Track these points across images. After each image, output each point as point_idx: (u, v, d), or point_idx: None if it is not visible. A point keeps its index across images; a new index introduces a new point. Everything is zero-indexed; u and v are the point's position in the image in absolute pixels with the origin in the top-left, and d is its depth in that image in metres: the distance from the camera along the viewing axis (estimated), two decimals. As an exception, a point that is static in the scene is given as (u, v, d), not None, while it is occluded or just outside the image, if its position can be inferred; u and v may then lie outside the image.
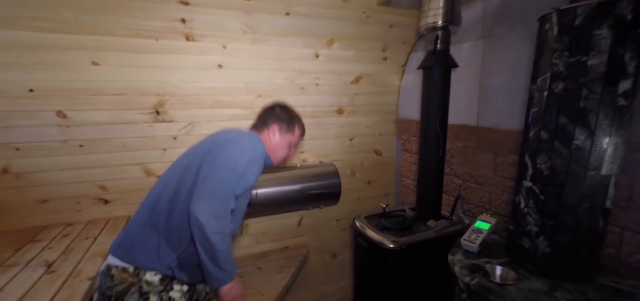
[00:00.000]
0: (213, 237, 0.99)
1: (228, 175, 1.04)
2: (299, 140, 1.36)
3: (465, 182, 1.82)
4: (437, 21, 1.47)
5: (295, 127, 1.32)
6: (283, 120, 1.29)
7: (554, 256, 1.06)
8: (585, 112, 0.93)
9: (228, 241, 1.05)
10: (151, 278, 1.06)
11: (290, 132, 1.31)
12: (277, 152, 1.30)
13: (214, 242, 1.00)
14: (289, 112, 1.33)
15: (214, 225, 0.99)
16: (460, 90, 1.78)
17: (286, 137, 1.30)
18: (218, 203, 1.01)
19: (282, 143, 1.29)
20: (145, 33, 1.52)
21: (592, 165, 0.96)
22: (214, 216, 0.99)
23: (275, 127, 1.28)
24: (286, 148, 1.31)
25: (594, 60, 0.90)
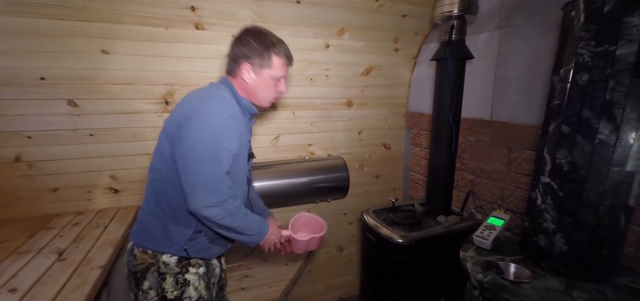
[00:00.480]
0: (224, 222, 0.97)
1: (206, 163, 0.93)
2: (284, 70, 1.09)
3: (477, 178, 1.78)
4: (453, 10, 1.42)
5: (272, 57, 1.05)
6: (255, 53, 1.03)
7: (571, 255, 1.02)
8: (611, 105, 0.89)
9: (241, 213, 1.01)
10: (167, 260, 1.07)
11: (266, 66, 1.05)
12: (258, 95, 1.09)
13: (227, 224, 0.98)
14: (262, 38, 1.05)
15: (217, 212, 0.95)
16: (474, 82, 1.73)
17: (264, 74, 1.06)
18: (211, 193, 0.93)
19: (261, 82, 1.07)
20: (154, 21, 1.50)
21: (616, 161, 0.91)
22: (213, 206, 0.94)
23: (247, 66, 1.05)
24: (269, 87, 1.08)
25: (623, 49, 0.85)
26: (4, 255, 1.23)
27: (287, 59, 1.10)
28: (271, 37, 1.07)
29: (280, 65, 1.07)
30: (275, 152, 2.00)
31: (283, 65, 1.08)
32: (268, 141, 1.97)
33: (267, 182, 1.82)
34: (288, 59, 1.10)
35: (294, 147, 2.06)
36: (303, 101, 1.98)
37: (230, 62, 1.09)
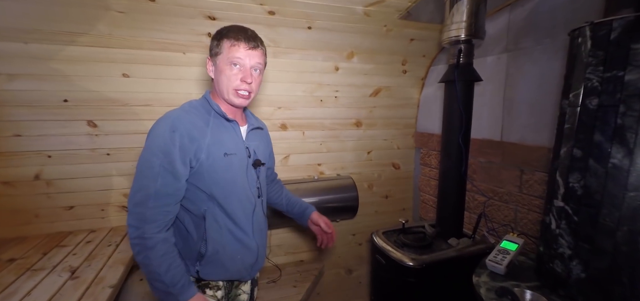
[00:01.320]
0: (135, 249, 0.91)
1: (135, 181, 0.92)
2: (237, 51, 0.98)
3: (488, 199, 1.75)
4: (460, 35, 1.45)
5: (222, 41, 0.99)
6: (212, 46, 1.02)
7: (590, 282, 0.99)
8: (623, 129, 0.88)
9: (159, 251, 0.90)
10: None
11: (219, 53, 1.00)
12: (221, 88, 1.01)
13: (136, 253, 0.92)
14: (219, 31, 1.03)
15: (131, 233, 0.91)
16: (483, 104, 1.74)
17: (219, 61, 1.00)
18: (132, 210, 0.91)
19: (219, 72, 1.01)
20: (173, 46, 1.58)
21: (632, 186, 0.90)
22: (130, 225, 0.91)
23: (208, 61, 1.04)
24: (226, 75, 1.00)
25: (632, 75, 0.86)
26: (19, 272, 1.26)
27: (238, 39, 0.99)
28: (230, 26, 1.03)
29: (228, 46, 0.99)
30: (285, 171, 2.02)
31: (232, 46, 0.99)
32: (278, 160, 2.00)
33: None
34: (239, 39, 0.99)
35: (304, 167, 2.08)
36: (313, 121, 2.01)
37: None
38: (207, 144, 0.98)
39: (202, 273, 1.03)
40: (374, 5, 1.56)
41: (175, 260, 0.94)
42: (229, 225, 1.04)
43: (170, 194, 0.93)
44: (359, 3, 1.53)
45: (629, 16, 0.85)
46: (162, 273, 0.90)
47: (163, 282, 0.91)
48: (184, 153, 0.94)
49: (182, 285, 0.94)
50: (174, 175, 0.93)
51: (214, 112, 1.04)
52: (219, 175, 1.00)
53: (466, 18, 1.42)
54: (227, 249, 1.04)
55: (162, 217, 0.93)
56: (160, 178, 0.91)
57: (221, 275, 1.06)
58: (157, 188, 0.91)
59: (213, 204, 1.01)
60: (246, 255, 1.09)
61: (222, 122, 1.05)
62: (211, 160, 0.98)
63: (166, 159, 0.92)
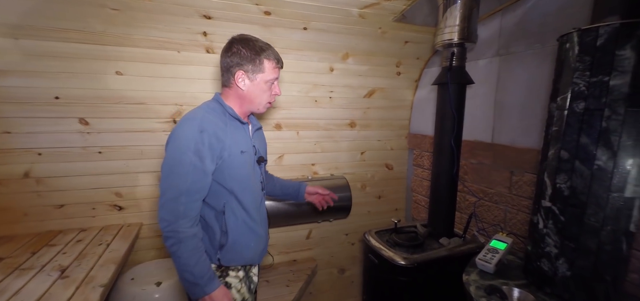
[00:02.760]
0: (168, 242, 0.98)
1: (166, 180, 0.98)
2: (276, 73, 1.13)
3: (479, 200, 1.79)
4: (453, 38, 1.48)
5: (264, 62, 1.09)
6: (247, 60, 1.07)
7: (574, 280, 1.02)
8: (608, 132, 0.92)
9: (190, 245, 0.99)
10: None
11: (259, 71, 1.09)
12: (255, 100, 1.12)
13: (171, 246, 0.98)
14: (251, 45, 1.08)
15: (164, 227, 0.97)
16: (475, 106, 1.77)
17: (258, 79, 1.09)
18: (164, 207, 0.97)
19: (255, 87, 1.10)
20: (168, 45, 1.57)
21: (615, 187, 0.93)
22: (162, 219, 0.97)
23: (240, 73, 1.08)
24: (264, 92, 1.12)
25: (616, 80, 0.89)
26: (7, 271, 1.24)
27: (278, 62, 1.13)
28: (259, 42, 1.10)
29: (271, 69, 1.11)
30: (279, 171, 2.03)
31: (274, 68, 1.12)
32: (272, 160, 2.00)
33: (270, 201, 1.83)
34: (278, 62, 1.13)
35: (298, 167, 2.09)
36: (307, 122, 2.02)
37: (224, 73, 1.12)
38: (228, 143, 1.06)
39: (223, 260, 1.13)
40: (369, 8, 1.58)
41: (202, 255, 1.03)
42: (245, 217, 1.14)
43: (200, 190, 1.01)
44: (354, 5, 1.55)
45: (614, 23, 0.89)
46: (192, 265, 0.99)
47: (192, 273, 0.99)
48: (212, 151, 1.02)
49: (209, 278, 1.03)
50: (204, 172, 1.01)
51: (229, 114, 1.11)
52: (237, 171, 1.09)
53: (459, 22, 1.45)
54: (244, 238, 1.14)
55: (192, 212, 1.01)
56: (191, 175, 0.98)
57: (238, 261, 1.16)
58: (188, 185, 0.98)
59: (232, 198, 1.10)
60: (258, 243, 1.20)
61: (236, 123, 1.13)
62: (231, 158, 1.07)
63: (197, 157, 0.98)
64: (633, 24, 0.86)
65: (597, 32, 0.91)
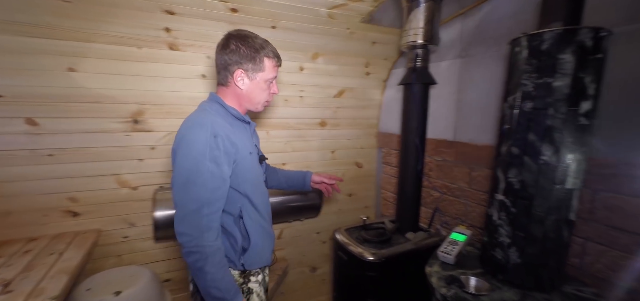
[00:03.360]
0: (191, 258, 0.94)
1: (183, 191, 0.93)
2: (276, 71, 1.10)
3: (442, 195, 1.88)
4: (417, 40, 1.54)
5: (264, 60, 1.06)
6: (246, 58, 1.03)
7: (524, 267, 1.11)
8: (552, 130, 1.00)
9: (216, 258, 0.95)
10: (232, 272, 1.10)
11: (259, 70, 1.06)
12: (254, 100, 1.09)
13: (194, 262, 0.94)
14: (250, 42, 1.04)
15: (186, 242, 0.93)
16: (439, 106, 1.86)
17: (258, 77, 1.07)
18: (183, 221, 0.93)
19: (255, 86, 1.07)
20: (127, 41, 1.49)
21: (558, 180, 1.02)
22: (184, 234, 0.93)
23: (240, 72, 1.04)
24: (263, 91, 1.09)
25: (559, 82, 0.97)
26: (-60, 289, 1.11)
27: (278, 60, 1.10)
28: (258, 39, 1.07)
29: (271, 67, 1.08)
30: (249, 171, 1.99)
31: (274, 66, 1.09)
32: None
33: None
34: (278, 60, 1.11)
35: (268, 167, 2.06)
36: (277, 121, 2.01)
37: (222, 71, 1.06)
38: (240, 146, 1.03)
39: (246, 265, 1.11)
40: (338, 8, 1.60)
41: (227, 268, 1.00)
42: (258, 218, 1.13)
43: (220, 198, 0.98)
44: (323, 5, 1.56)
45: (557, 29, 0.97)
46: (219, 279, 0.96)
47: (219, 289, 0.96)
48: (228, 156, 0.98)
49: (235, 291, 1.01)
50: (223, 179, 0.97)
51: (232, 115, 1.09)
52: (249, 173, 1.07)
53: (423, 25, 1.51)
54: (261, 240, 1.14)
55: (215, 223, 0.97)
56: (210, 183, 0.94)
57: (260, 263, 1.15)
58: (209, 195, 0.94)
59: (246, 201, 1.08)
60: (272, 242, 1.22)
61: (240, 124, 1.11)
62: (244, 161, 1.05)
63: (214, 164, 0.94)
64: (573, 30, 0.94)
65: (542, 37, 0.99)
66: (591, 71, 0.95)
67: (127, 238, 1.74)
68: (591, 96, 0.97)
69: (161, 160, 1.73)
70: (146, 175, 1.71)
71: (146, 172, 1.71)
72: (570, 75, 0.96)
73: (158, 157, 1.71)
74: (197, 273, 0.96)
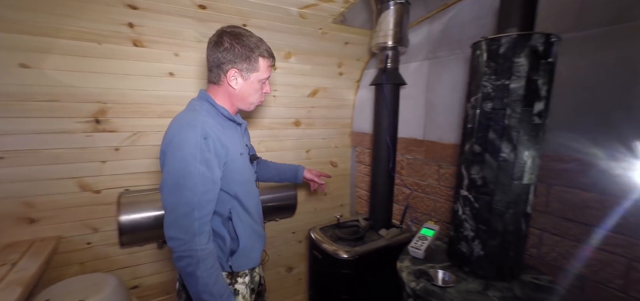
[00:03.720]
0: (182, 263, 0.92)
1: (172, 194, 0.92)
2: (270, 71, 1.09)
3: (413, 192, 1.94)
4: (387, 42, 1.57)
5: (259, 60, 1.04)
6: (241, 58, 1.01)
7: (486, 258, 1.17)
8: (509, 129, 1.06)
9: (208, 262, 0.94)
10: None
11: (254, 70, 1.04)
12: (247, 100, 1.08)
13: (185, 266, 0.92)
14: (245, 41, 1.02)
15: (177, 246, 0.92)
16: (409, 106, 1.91)
17: (252, 78, 1.05)
18: (173, 225, 0.92)
19: (249, 87, 1.06)
20: (85, 36, 1.41)
21: (516, 175, 1.09)
22: (174, 238, 0.92)
23: (234, 71, 1.02)
24: (256, 91, 1.08)
25: (514, 84, 1.03)
26: None
27: (272, 59, 1.09)
28: (252, 37, 1.04)
29: (266, 67, 1.07)
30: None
31: (268, 67, 1.08)
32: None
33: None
34: (272, 59, 1.09)
35: (241, 167, 2.03)
36: (251, 120, 1.99)
37: (214, 69, 1.03)
38: (230, 147, 1.01)
39: (234, 266, 1.11)
40: (309, 8, 1.60)
41: (219, 272, 0.99)
42: (248, 219, 1.12)
43: (211, 201, 0.97)
44: (293, 4, 1.56)
45: (513, 34, 1.03)
46: (211, 284, 0.94)
47: (211, 293, 0.95)
48: (219, 158, 0.97)
49: (227, 296, 0.99)
50: (214, 182, 0.96)
51: (223, 115, 1.06)
52: (239, 175, 1.06)
53: (392, 27, 1.56)
54: (250, 241, 1.13)
55: (207, 227, 0.96)
56: (201, 186, 0.92)
57: (248, 264, 1.15)
58: (199, 198, 0.92)
59: (236, 203, 1.07)
60: (262, 243, 1.22)
61: (231, 124, 1.09)
62: (234, 162, 1.03)
63: (204, 166, 0.93)
64: (526, 35, 1.01)
65: (500, 41, 1.05)
66: (543, 74, 1.02)
67: (91, 245, 1.65)
68: (543, 97, 1.04)
69: (127, 161, 1.65)
70: (110, 178, 1.63)
71: (110, 175, 1.63)
72: (525, 77, 1.02)
73: (123, 159, 1.64)
74: (188, 278, 0.94)
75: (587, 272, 1.20)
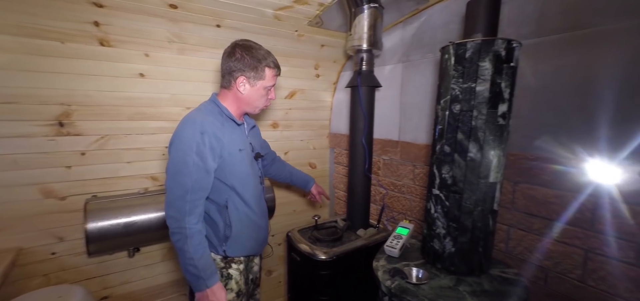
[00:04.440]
0: (174, 238, 1.10)
1: (170, 179, 1.10)
2: (275, 80, 1.27)
3: (390, 192, 1.97)
4: (361, 44, 1.60)
5: (265, 70, 1.21)
6: (249, 67, 1.18)
7: (457, 255, 1.21)
8: (476, 130, 1.11)
9: (195, 240, 1.10)
10: (215, 257, 1.25)
11: (260, 78, 1.21)
12: (253, 104, 1.25)
13: (176, 242, 1.10)
14: (254, 53, 1.20)
15: (171, 224, 1.10)
16: (385, 107, 1.95)
17: (258, 84, 1.22)
18: (171, 206, 1.10)
19: (255, 93, 1.22)
20: (47, 34, 1.33)
21: (483, 174, 1.14)
22: (170, 217, 1.10)
23: (242, 78, 1.19)
24: (262, 97, 1.25)
25: (480, 86, 1.08)
26: None
27: (278, 70, 1.27)
28: (261, 50, 1.22)
29: (271, 76, 1.24)
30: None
31: (274, 76, 1.26)
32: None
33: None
34: (278, 69, 1.27)
35: (218, 170, 2.00)
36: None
37: (226, 76, 1.22)
38: (227, 142, 1.17)
39: (228, 251, 1.25)
40: (284, 10, 1.60)
41: (206, 250, 1.14)
42: (246, 210, 1.26)
43: (203, 188, 1.13)
44: (268, 6, 1.55)
45: (477, 39, 1.08)
46: (196, 259, 1.10)
47: (196, 267, 1.10)
48: (213, 151, 1.13)
49: (211, 272, 1.14)
50: (207, 171, 1.13)
51: (225, 115, 1.22)
52: (237, 168, 1.21)
53: (366, 30, 1.58)
54: (246, 231, 1.28)
55: (197, 209, 1.12)
56: (195, 174, 1.09)
57: (242, 251, 1.29)
58: (193, 184, 1.09)
59: (233, 193, 1.22)
60: (259, 234, 1.35)
61: (232, 123, 1.24)
62: (231, 156, 1.19)
63: (199, 158, 1.10)
64: (490, 41, 1.06)
65: (466, 46, 1.09)
66: (506, 78, 1.07)
67: (55, 255, 1.56)
68: (507, 99, 1.09)
69: (94, 166, 1.58)
70: (76, 184, 1.55)
71: (76, 180, 1.55)
72: (489, 80, 1.07)
73: (90, 164, 1.56)
74: (179, 253, 1.11)
75: (549, 264, 1.27)
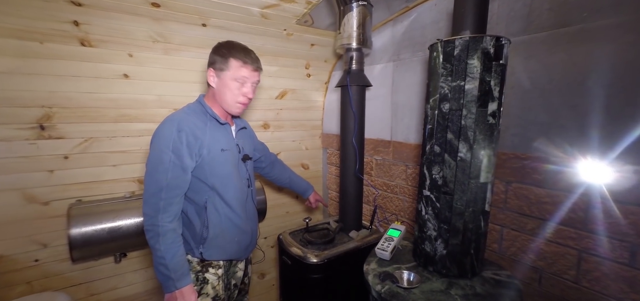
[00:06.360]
0: (148, 235, 1.08)
1: (147, 177, 1.10)
2: (244, 71, 1.17)
3: (382, 192, 1.95)
4: (351, 43, 1.57)
5: (230, 60, 1.15)
6: (215, 59, 1.17)
7: (449, 257, 1.18)
8: (466, 129, 1.08)
9: (168, 239, 1.08)
10: (191, 259, 1.23)
11: (226, 68, 1.16)
12: (224, 98, 1.19)
13: (149, 239, 1.08)
14: (223, 46, 1.18)
15: (145, 222, 1.09)
16: (376, 107, 1.92)
17: (224, 76, 1.17)
18: (146, 203, 1.09)
19: (222, 85, 1.18)
20: (24, 34, 1.29)
21: (473, 174, 1.11)
22: (145, 214, 1.09)
23: (210, 71, 1.19)
24: (231, 90, 1.17)
25: (469, 85, 1.05)
26: None
27: (245, 62, 1.17)
28: (234, 44, 1.20)
29: (237, 66, 1.16)
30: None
31: (240, 67, 1.17)
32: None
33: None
34: (246, 62, 1.17)
35: (207, 172, 1.96)
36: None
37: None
38: (207, 141, 1.16)
39: (205, 254, 1.21)
40: (270, 8, 1.56)
41: (179, 250, 1.11)
42: (228, 212, 1.22)
43: (179, 186, 1.11)
44: (254, 4, 1.51)
45: (466, 36, 1.05)
46: (168, 258, 1.07)
47: (166, 266, 1.08)
48: (190, 149, 1.12)
49: (182, 274, 1.11)
50: (183, 169, 1.11)
51: (209, 115, 1.21)
52: (218, 168, 1.19)
53: (356, 29, 1.55)
54: (226, 233, 1.23)
55: (172, 208, 1.10)
56: (171, 172, 1.08)
57: (221, 255, 1.25)
58: (168, 181, 1.08)
59: (213, 194, 1.19)
60: (242, 238, 1.30)
61: (215, 123, 1.22)
62: (211, 156, 1.16)
63: (175, 155, 1.09)
64: (477, 38, 1.03)
65: (454, 44, 1.06)
66: (495, 75, 1.05)
67: (39, 262, 1.52)
68: (496, 98, 1.06)
69: (78, 170, 1.54)
70: (59, 188, 1.51)
71: (59, 185, 1.50)
72: (478, 78, 1.04)
73: (73, 167, 1.52)
74: (152, 251, 1.09)
75: (543, 265, 1.24)
